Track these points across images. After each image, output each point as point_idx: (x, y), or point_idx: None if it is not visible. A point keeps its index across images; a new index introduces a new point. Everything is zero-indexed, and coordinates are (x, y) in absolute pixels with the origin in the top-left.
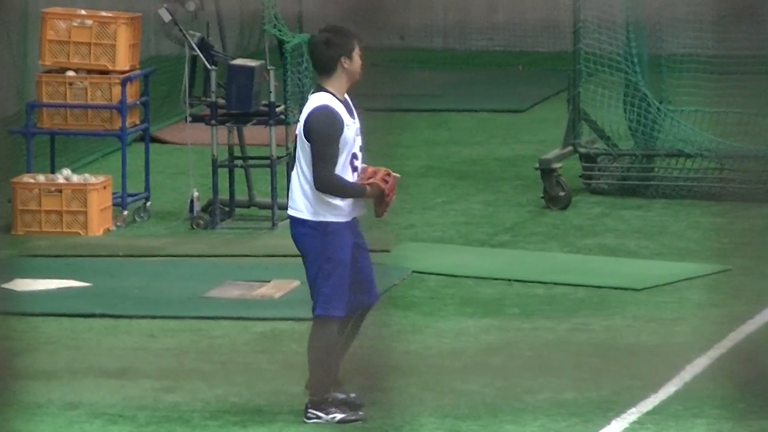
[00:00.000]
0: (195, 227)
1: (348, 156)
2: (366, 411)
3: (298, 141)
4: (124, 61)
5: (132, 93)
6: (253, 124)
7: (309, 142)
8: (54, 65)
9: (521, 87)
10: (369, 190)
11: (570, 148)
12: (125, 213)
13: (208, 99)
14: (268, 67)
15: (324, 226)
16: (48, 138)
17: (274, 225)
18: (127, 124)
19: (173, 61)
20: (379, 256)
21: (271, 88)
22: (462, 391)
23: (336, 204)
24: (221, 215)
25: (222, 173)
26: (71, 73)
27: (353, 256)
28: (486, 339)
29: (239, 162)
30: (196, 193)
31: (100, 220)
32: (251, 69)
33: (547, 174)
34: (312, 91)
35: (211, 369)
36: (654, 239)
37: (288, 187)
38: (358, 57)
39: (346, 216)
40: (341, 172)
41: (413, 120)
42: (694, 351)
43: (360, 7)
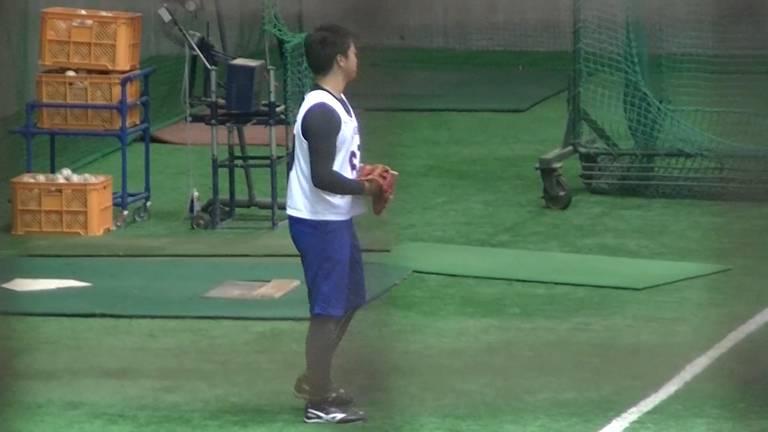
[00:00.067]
0: (195, 227)
1: (346, 154)
2: (366, 411)
3: (296, 140)
4: (124, 61)
5: (132, 93)
6: (253, 124)
7: (307, 139)
8: (54, 65)
9: (521, 87)
10: (368, 186)
11: (570, 147)
12: (125, 213)
13: (208, 99)
14: (268, 67)
15: (324, 225)
16: (48, 138)
17: (274, 225)
18: (127, 124)
19: (173, 61)
20: (379, 256)
21: (271, 88)
22: (462, 391)
23: (335, 203)
24: (221, 215)
25: (222, 173)
26: (71, 73)
27: (351, 255)
28: (486, 339)
29: (239, 162)
30: (196, 193)
31: (100, 220)
32: (251, 69)
33: (548, 174)
34: (309, 90)
35: (211, 369)
36: (654, 239)
37: (287, 187)
38: (354, 55)
39: (345, 215)
40: (340, 170)
41: (413, 120)
42: (694, 351)
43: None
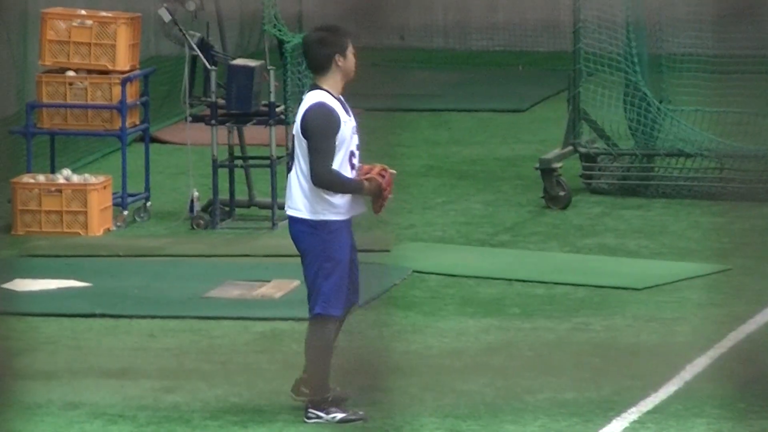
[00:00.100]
0: (195, 227)
1: (346, 154)
2: (366, 411)
3: (295, 140)
4: (124, 61)
5: (132, 93)
6: (253, 124)
7: (306, 139)
8: (54, 65)
9: (521, 87)
10: (367, 185)
11: (570, 147)
12: (125, 213)
13: (208, 99)
14: (268, 67)
15: (324, 225)
16: (48, 138)
17: (274, 225)
18: (127, 124)
19: (173, 61)
20: (379, 256)
21: (271, 88)
22: (462, 391)
23: (335, 202)
24: (221, 215)
25: (222, 173)
26: (71, 73)
27: (350, 255)
28: (486, 339)
29: (239, 162)
30: (196, 193)
31: (100, 220)
32: (251, 69)
33: (548, 174)
34: (307, 90)
35: (211, 369)
36: (654, 239)
37: (287, 187)
38: (352, 55)
39: (344, 215)
40: (339, 169)
41: (413, 120)
42: (694, 351)
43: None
